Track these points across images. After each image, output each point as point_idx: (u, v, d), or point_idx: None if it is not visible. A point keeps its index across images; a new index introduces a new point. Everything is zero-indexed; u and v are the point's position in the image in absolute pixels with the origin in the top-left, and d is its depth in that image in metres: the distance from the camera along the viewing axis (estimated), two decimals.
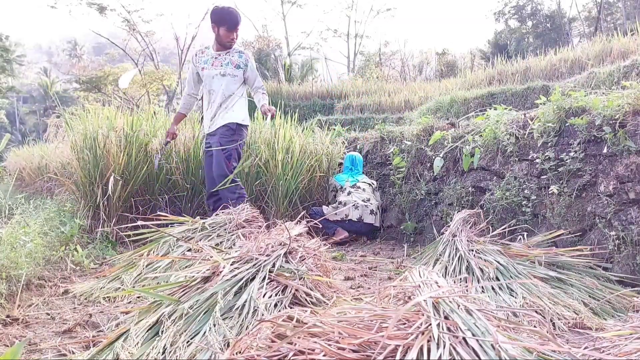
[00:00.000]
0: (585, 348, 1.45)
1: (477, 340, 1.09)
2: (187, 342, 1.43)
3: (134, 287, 2.27)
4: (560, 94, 2.88)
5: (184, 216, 3.07)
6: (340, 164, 4.75)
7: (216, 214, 3.07)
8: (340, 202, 4.15)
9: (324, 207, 4.29)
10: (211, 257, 1.99)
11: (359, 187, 4.28)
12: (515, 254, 2.39)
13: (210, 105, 3.69)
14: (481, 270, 2.22)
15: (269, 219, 3.82)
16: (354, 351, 1.10)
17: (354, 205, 4.11)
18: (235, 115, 3.64)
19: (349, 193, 4.22)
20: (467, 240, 2.56)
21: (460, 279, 2.22)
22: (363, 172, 4.58)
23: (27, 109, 46.31)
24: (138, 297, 2.19)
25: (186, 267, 2.22)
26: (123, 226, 3.38)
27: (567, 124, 2.73)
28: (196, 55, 3.79)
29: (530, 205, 2.90)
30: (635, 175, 2.31)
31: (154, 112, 4.56)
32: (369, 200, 4.20)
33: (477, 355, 1.05)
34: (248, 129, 3.84)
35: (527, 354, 1.13)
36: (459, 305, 1.29)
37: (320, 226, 3.78)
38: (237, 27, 3.60)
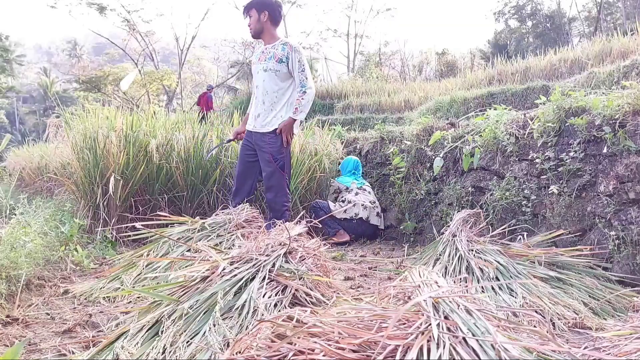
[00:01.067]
0: (585, 348, 1.45)
1: (477, 340, 1.09)
2: (187, 342, 1.43)
3: (133, 287, 2.27)
4: (560, 93, 2.88)
5: (184, 216, 3.07)
6: (338, 164, 4.74)
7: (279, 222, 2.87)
8: (349, 202, 4.17)
9: (331, 203, 4.24)
10: (210, 257, 1.99)
11: (364, 190, 4.34)
12: (515, 254, 2.39)
13: (254, 101, 3.53)
14: (481, 270, 2.22)
15: (269, 219, 3.82)
16: (354, 351, 1.10)
17: (362, 205, 4.17)
18: (281, 121, 3.40)
19: (356, 194, 4.25)
20: (467, 240, 2.56)
21: (460, 279, 2.22)
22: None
23: (27, 109, 46.31)
24: (138, 297, 2.19)
25: (186, 267, 2.22)
26: (123, 226, 3.38)
27: (567, 124, 2.73)
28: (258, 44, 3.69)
29: (530, 205, 2.90)
30: (635, 175, 2.31)
31: (154, 112, 4.55)
32: (375, 202, 4.28)
33: (477, 355, 1.05)
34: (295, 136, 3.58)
35: (527, 354, 1.13)
36: (458, 305, 1.29)
37: (320, 225, 3.76)
38: (244, 14, 3.47)
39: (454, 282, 2.17)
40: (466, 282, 2.15)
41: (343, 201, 4.21)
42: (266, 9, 3.38)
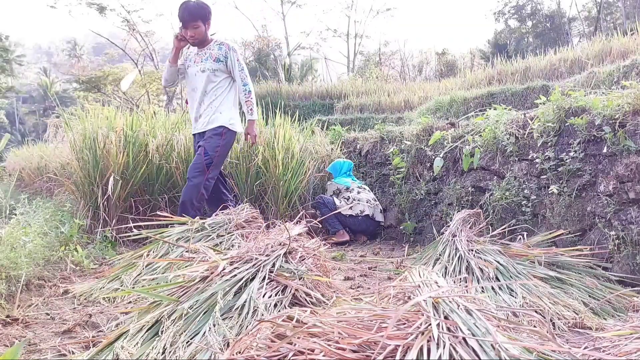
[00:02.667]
0: (585, 348, 1.45)
1: (477, 340, 1.09)
2: (186, 342, 1.43)
3: (133, 287, 2.27)
4: (560, 93, 2.87)
5: (184, 216, 3.07)
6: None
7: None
8: (354, 199, 4.18)
9: (336, 199, 4.24)
10: (210, 257, 1.99)
11: (364, 188, 4.39)
12: (515, 253, 2.39)
13: (193, 103, 3.51)
14: (481, 270, 2.22)
15: (268, 219, 3.82)
16: (354, 351, 1.10)
17: (367, 202, 4.22)
18: (223, 117, 3.42)
19: (358, 192, 4.29)
20: (467, 240, 2.56)
21: (460, 279, 2.21)
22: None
23: (26, 109, 46.30)
24: (138, 298, 2.19)
25: (186, 267, 2.22)
26: (123, 227, 3.38)
27: (566, 124, 2.73)
28: (188, 48, 3.59)
29: (530, 205, 2.90)
30: (635, 175, 2.31)
31: (154, 112, 4.55)
32: (376, 200, 4.34)
33: (477, 355, 1.05)
34: (236, 134, 3.57)
35: (527, 354, 1.13)
36: (458, 305, 1.29)
37: (318, 220, 3.75)
38: (187, 25, 3.32)
39: (454, 282, 2.17)
40: (466, 282, 2.15)
41: (347, 199, 4.22)
42: (209, 18, 3.42)
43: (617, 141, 2.39)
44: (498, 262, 2.25)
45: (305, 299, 1.83)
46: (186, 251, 2.36)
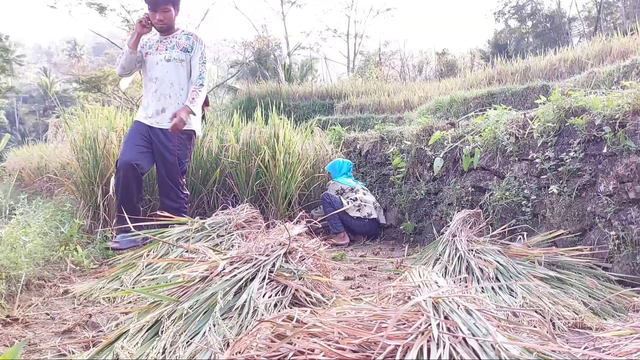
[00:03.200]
0: (585, 348, 1.45)
1: (477, 340, 1.09)
2: (186, 342, 1.43)
3: (133, 287, 2.27)
4: (560, 93, 2.87)
5: (184, 216, 3.07)
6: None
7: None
8: (361, 201, 4.17)
9: (343, 199, 4.18)
10: (209, 257, 1.99)
11: (367, 190, 4.39)
12: (515, 253, 2.39)
13: (156, 95, 3.21)
14: (481, 270, 2.22)
15: (268, 219, 3.82)
16: (354, 351, 1.10)
17: (373, 204, 4.23)
18: (194, 120, 3.24)
19: (364, 193, 4.27)
20: (467, 240, 2.56)
21: (460, 279, 2.22)
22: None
23: (26, 109, 46.30)
24: (138, 298, 2.19)
25: (186, 267, 2.22)
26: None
27: (567, 124, 2.73)
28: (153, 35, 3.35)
29: (530, 205, 2.90)
30: (635, 175, 2.31)
31: None
32: (378, 201, 4.36)
33: (477, 355, 1.05)
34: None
35: (527, 354, 1.13)
36: (458, 306, 1.29)
37: (320, 219, 3.74)
38: (157, 8, 3.11)
39: (454, 282, 2.17)
40: (466, 282, 2.15)
41: (354, 200, 4.18)
42: (179, 3, 3.23)
43: (617, 141, 2.39)
44: (498, 262, 2.25)
45: (305, 299, 1.83)
46: (186, 251, 2.36)
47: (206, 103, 3.51)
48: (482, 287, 2.09)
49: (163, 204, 3.28)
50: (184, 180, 3.34)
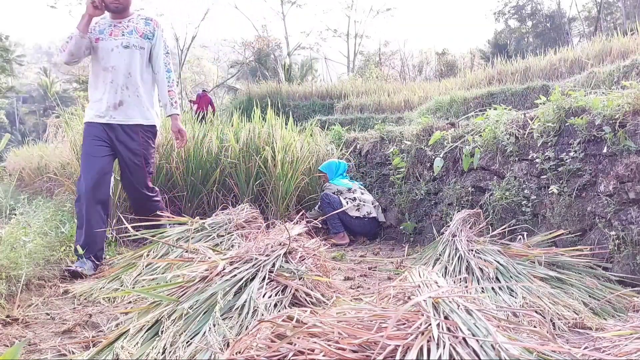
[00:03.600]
0: (585, 348, 1.45)
1: (477, 340, 1.09)
2: (186, 342, 1.43)
3: (133, 287, 2.27)
4: (560, 93, 2.88)
5: (184, 216, 3.07)
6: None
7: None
8: (360, 200, 4.17)
9: (342, 199, 4.17)
10: (209, 257, 1.99)
11: (364, 189, 4.39)
12: (515, 253, 2.39)
13: (112, 86, 2.87)
14: (481, 270, 2.22)
15: (268, 219, 3.82)
16: (354, 351, 1.10)
17: (372, 203, 4.23)
18: (154, 114, 3.01)
19: (362, 193, 4.28)
20: (467, 240, 2.56)
21: (460, 279, 2.21)
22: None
23: (26, 109, 46.32)
24: (138, 298, 2.19)
25: (186, 267, 2.22)
26: (123, 226, 3.38)
27: (567, 124, 2.73)
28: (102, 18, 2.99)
29: (530, 205, 2.90)
30: (635, 175, 2.31)
31: None
32: (377, 201, 4.36)
33: (477, 356, 1.05)
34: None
35: (527, 354, 1.13)
36: (458, 306, 1.29)
37: (320, 219, 3.74)
38: None
39: (454, 282, 2.17)
40: (466, 282, 2.15)
41: (353, 199, 4.18)
42: None
43: (617, 141, 2.39)
44: (498, 262, 2.25)
45: (305, 299, 1.83)
46: (186, 251, 2.36)
47: (212, 107, 3.44)
48: (482, 287, 2.09)
49: (135, 210, 3.14)
50: (151, 182, 3.12)
